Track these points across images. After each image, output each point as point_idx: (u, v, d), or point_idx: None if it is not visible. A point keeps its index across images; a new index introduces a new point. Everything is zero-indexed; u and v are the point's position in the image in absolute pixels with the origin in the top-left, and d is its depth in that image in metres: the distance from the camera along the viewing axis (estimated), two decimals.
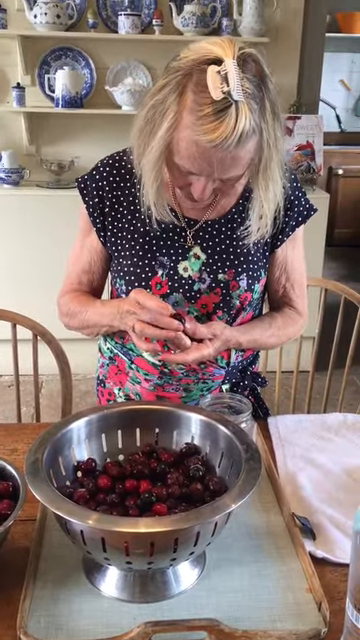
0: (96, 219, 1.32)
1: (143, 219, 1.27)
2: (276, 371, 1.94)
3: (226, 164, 1.07)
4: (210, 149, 1.04)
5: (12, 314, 1.70)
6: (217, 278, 1.29)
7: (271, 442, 1.34)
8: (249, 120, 1.02)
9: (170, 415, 1.10)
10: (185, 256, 1.29)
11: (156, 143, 1.09)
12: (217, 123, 1.01)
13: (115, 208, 1.30)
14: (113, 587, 0.95)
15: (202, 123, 1.02)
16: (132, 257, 1.29)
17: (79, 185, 1.33)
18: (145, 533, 0.82)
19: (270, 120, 1.07)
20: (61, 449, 1.03)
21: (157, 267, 1.28)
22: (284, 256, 1.37)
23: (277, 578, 0.98)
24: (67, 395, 1.75)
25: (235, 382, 1.41)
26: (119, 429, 1.10)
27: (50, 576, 0.97)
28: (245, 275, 1.30)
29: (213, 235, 1.29)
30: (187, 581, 0.97)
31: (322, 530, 1.07)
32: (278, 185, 1.18)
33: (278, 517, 1.11)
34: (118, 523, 0.83)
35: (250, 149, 1.07)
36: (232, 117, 1.01)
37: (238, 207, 1.29)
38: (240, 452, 0.98)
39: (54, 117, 3.42)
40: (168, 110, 1.06)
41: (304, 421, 1.42)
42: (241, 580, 0.98)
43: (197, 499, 1.01)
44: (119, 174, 1.30)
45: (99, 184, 1.30)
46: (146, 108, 1.11)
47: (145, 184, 1.18)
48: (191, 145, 1.05)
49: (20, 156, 3.37)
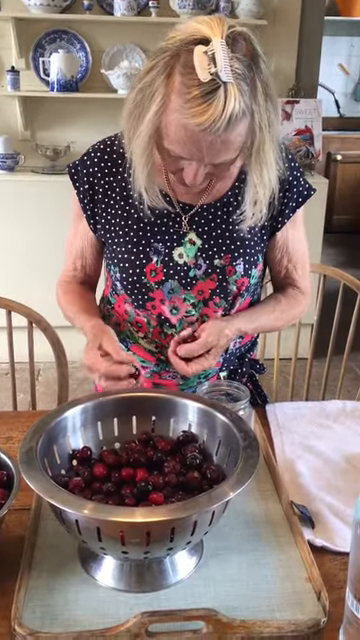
0: (86, 206, 1.29)
1: (137, 205, 1.25)
2: (274, 358, 1.93)
3: (216, 148, 1.04)
4: (199, 133, 1.01)
5: (7, 301, 1.68)
6: (213, 264, 1.27)
7: (269, 429, 1.32)
8: (239, 102, 1.00)
9: (167, 402, 1.09)
10: (180, 242, 1.26)
11: (144, 127, 1.07)
12: (205, 106, 0.99)
13: (107, 194, 1.28)
14: (109, 576, 0.93)
15: (190, 106, 0.99)
16: (126, 244, 1.27)
17: (69, 171, 1.31)
18: (141, 523, 0.80)
19: (262, 101, 1.04)
20: (56, 437, 1.01)
21: (152, 254, 1.26)
22: (285, 238, 1.34)
23: (276, 567, 0.97)
24: (63, 383, 1.74)
25: (233, 369, 1.39)
26: (115, 417, 1.09)
27: (45, 565, 0.96)
28: (242, 260, 1.27)
29: (209, 220, 1.27)
30: (184, 570, 0.96)
31: (321, 518, 1.06)
32: (272, 169, 1.15)
33: (276, 505, 1.10)
34: (113, 512, 0.82)
35: (241, 132, 1.04)
36: (220, 99, 0.98)
37: (234, 190, 1.27)
38: (238, 440, 0.97)
39: (49, 101, 3.37)
40: (156, 93, 1.03)
41: (303, 408, 1.41)
42: (239, 569, 0.96)
43: (194, 488, 0.99)
44: (110, 159, 1.27)
45: (90, 170, 1.27)
46: (135, 91, 1.08)
47: (136, 169, 1.16)
48: (179, 129, 1.03)
49: (15, 141, 3.33)
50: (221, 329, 1.23)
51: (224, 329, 1.23)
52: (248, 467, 0.90)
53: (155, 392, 1.12)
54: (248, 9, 3.22)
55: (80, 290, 1.38)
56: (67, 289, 1.37)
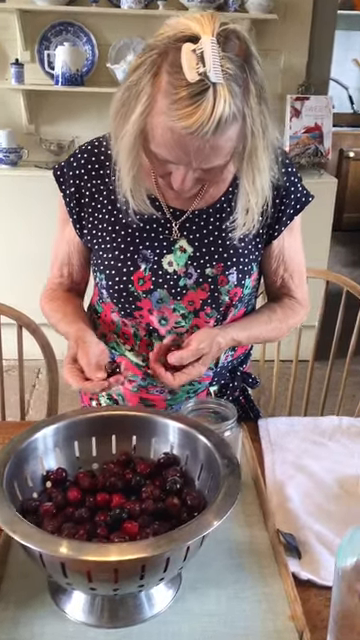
0: (72, 209, 1.23)
1: (125, 210, 1.19)
2: (274, 360, 1.87)
3: (204, 153, 0.98)
4: (186, 136, 0.95)
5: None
6: (204, 273, 1.20)
7: (260, 446, 1.27)
8: (229, 104, 0.93)
9: (147, 422, 1.03)
10: (170, 249, 1.20)
11: (129, 128, 1.01)
12: (193, 108, 0.92)
13: (94, 198, 1.21)
14: (79, 610, 0.88)
15: (177, 108, 0.93)
16: (113, 250, 1.21)
17: (55, 173, 1.24)
18: (108, 562, 0.75)
19: (255, 105, 0.98)
20: (27, 458, 0.96)
21: (140, 261, 1.20)
22: (281, 247, 1.28)
23: (257, 601, 0.91)
24: (53, 389, 1.69)
25: (224, 383, 1.33)
26: (93, 436, 1.03)
27: (13, 597, 0.91)
28: (235, 269, 1.21)
29: (200, 226, 1.20)
30: (161, 603, 0.90)
31: (308, 548, 1.00)
32: (265, 176, 1.08)
33: (262, 532, 1.04)
34: (78, 549, 0.76)
35: (231, 137, 0.98)
36: (209, 101, 0.92)
37: (228, 196, 1.20)
38: (219, 467, 0.91)
39: (54, 95, 3.31)
40: (142, 93, 0.97)
41: (297, 424, 1.35)
42: (217, 604, 0.91)
43: (173, 515, 0.94)
44: (98, 161, 1.20)
45: (76, 172, 1.21)
46: (122, 89, 1.02)
47: (121, 172, 1.09)
48: (166, 132, 0.96)
49: (19, 135, 3.28)
50: (213, 336, 1.17)
51: (217, 336, 1.17)
52: (228, 499, 0.84)
53: (135, 411, 1.06)
54: (258, 3, 3.13)
55: (65, 297, 1.32)
56: (52, 297, 1.32)
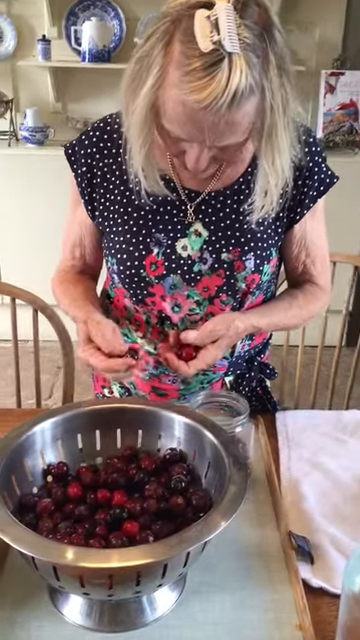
0: (84, 190, 1.18)
1: (137, 191, 1.13)
2: (299, 345, 1.80)
3: (219, 130, 0.91)
4: (199, 111, 0.88)
5: (9, 287, 1.60)
6: (220, 258, 1.14)
7: (277, 441, 1.21)
8: (245, 76, 0.86)
9: (152, 416, 0.98)
10: (184, 233, 1.14)
11: (140, 102, 0.94)
12: (207, 80, 0.85)
13: (106, 178, 1.16)
14: (77, 612, 0.84)
15: (189, 80, 0.86)
16: (124, 233, 1.15)
17: (66, 152, 1.19)
18: (99, 568, 0.71)
19: (275, 77, 0.90)
20: (27, 452, 0.92)
21: (152, 245, 1.14)
22: (303, 231, 1.21)
23: (264, 609, 0.86)
24: (69, 374, 1.65)
25: (240, 374, 1.27)
26: (97, 429, 0.99)
27: (10, 596, 0.87)
28: (252, 255, 1.14)
29: (217, 209, 1.14)
30: (163, 606, 0.86)
31: (322, 553, 0.94)
32: (286, 156, 1.01)
33: (274, 533, 0.99)
34: (69, 555, 0.72)
35: (248, 112, 0.91)
36: (224, 72, 0.85)
37: (246, 176, 1.13)
38: (226, 467, 0.85)
39: (81, 72, 3.24)
40: (153, 64, 0.90)
41: (317, 417, 1.28)
42: (222, 611, 0.86)
43: (177, 514, 0.89)
44: (110, 139, 1.14)
45: (87, 151, 1.15)
46: (133, 61, 0.95)
47: (132, 149, 1.03)
48: (178, 106, 0.90)
49: (45, 114, 3.23)
50: (231, 319, 1.11)
51: (235, 320, 1.11)
52: (231, 505, 0.79)
53: (140, 404, 1.01)
54: None
55: (76, 279, 1.27)
56: (63, 279, 1.27)
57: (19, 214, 3.12)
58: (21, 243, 3.17)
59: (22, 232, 3.16)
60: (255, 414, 1.25)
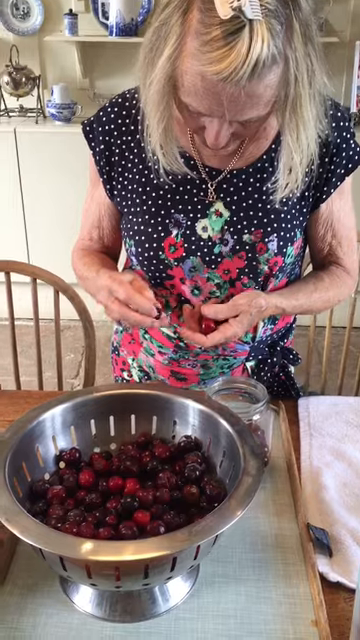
0: (102, 169, 1.14)
1: (156, 169, 1.09)
2: (326, 326, 1.75)
3: (240, 102, 0.86)
4: (218, 83, 0.83)
5: (31, 267, 1.58)
6: (242, 240, 1.10)
7: (298, 428, 1.17)
8: (267, 45, 0.80)
9: (167, 402, 0.95)
10: (205, 213, 1.10)
11: (157, 74, 0.90)
12: (226, 49, 0.80)
13: (124, 156, 1.12)
14: (87, 600, 0.83)
15: (208, 50, 0.82)
16: (143, 214, 1.11)
17: (84, 129, 1.15)
18: (105, 562, 0.69)
19: (299, 46, 0.85)
20: (39, 437, 0.90)
21: (171, 226, 1.10)
22: (330, 211, 1.16)
23: (279, 603, 0.84)
24: (90, 357, 1.64)
25: (262, 359, 1.24)
26: (110, 415, 0.97)
27: (20, 583, 0.86)
28: (275, 236, 1.10)
29: (239, 188, 1.09)
30: (175, 597, 0.84)
31: (340, 546, 0.91)
32: (311, 131, 0.96)
33: (292, 524, 0.96)
34: (74, 547, 0.70)
35: (271, 83, 0.86)
36: (244, 41, 0.80)
37: (270, 154, 1.08)
38: (240, 457, 0.82)
39: (108, 47, 3.19)
40: (170, 33, 0.86)
41: (341, 404, 1.24)
42: (235, 603, 0.84)
43: (191, 504, 0.87)
44: (129, 115, 1.10)
45: (106, 128, 1.12)
46: (150, 31, 0.91)
47: (150, 125, 0.99)
48: (196, 78, 0.85)
49: (72, 90, 3.19)
50: (255, 296, 1.07)
51: (259, 297, 1.07)
52: (244, 498, 0.76)
53: (155, 390, 0.98)
54: None
55: (100, 255, 1.23)
56: (83, 254, 1.23)
57: (46, 192, 3.10)
58: (48, 221, 3.16)
59: (49, 210, 3.14)
60: (277, 400, 1.22)
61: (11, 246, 3.21)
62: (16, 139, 3.02)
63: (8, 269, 1.57)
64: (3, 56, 3.14)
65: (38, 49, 3.24)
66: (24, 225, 3.20)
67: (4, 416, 1.21)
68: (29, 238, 3.23)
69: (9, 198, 3.13)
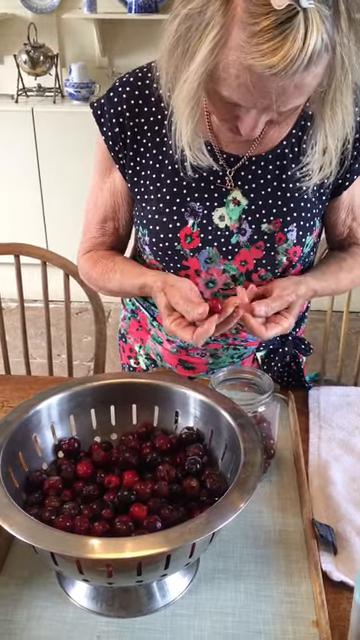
0: (118, 153, 1.08)
1: (171, 154, 1.03)
2: (343, 311, 1.71)
3: (287, 94, 0.80)
4: (268, 77, 0.77)
5: (41, 250, 1.56)
6: (260, 229, 1.05)
7: (307, 419, 1.14)
8: (321, 34, 0.75)
9: (169, 392, 0.92)
10: (222, 201, 1.05)
11: (193, 72, 0.82)
12: (279, 40, 0.74)
13: (137, 140, 1.06)
14: (83, 595, 0.81)
15: (258, 42, 0.75)
16: (157, 202, 1.06)
17: (95, 112, 1.08)
18: (96, 560, 0.67)
19: (346, 30, 0.79)
20: (37, 426, 0.88)
21: (187, 215, 1.05)
22: (351, 196, 1.11)
23: (279, 602, 0.81)
24: (100, 342, 1.62)
25: (273, 349, 1.20)
26: (111, 404, 0.94)
27: (16, 575, 0.85)
28: (295, 226, 1.06)
29: (258, 175, 1.04)
30: (173, 592, 0.82)
31: (346, 544, 0.88)
32: (350, 115, 0.90)
33: (296, 519, 0.93)
34: (64, 543, 0.68)
35: (319, 72, 0.80)
36: (300, 31, 0.73)
37: (290, 139, 1.03)
38: (241, 452, 0.80)
39: (128, 24, 3.13)
40: (210, 24, 0.78)
41: (353, 395, 1.20)
42: (234, 600, 0.81)
43: (191, 497, 0.84)
44: (142, 96, 1.04)
45: (118, 109, 1.05)
46: (178, 19, 0.83)
47: (178, 123, 0.93)
48: (243, 72, 0.79)
49: (91, 69, 3.15)
50: (296, 283, 1.02)
51: (300, 284, 1.03)
52: (241, 495, 0.73)
53: (154, 379, 0.95)
54: None
55: (109, 254, 1.18)
56: (95, 258, 1.17)
57: (64, 172, 3.07)
58: (66, 202, 3.13)
59: (67, 191, 3.11)
60: (286, 390, 1.18)
61: (28, 227, 3.20)
62: (34, 119, 3.00)
63: (17, 252, 1.55)
64: (21, 34, 3.10)
65: (56, 27, 3.20)
66: (42, 205, 3.18)
67: (9, 402, 1.20)
68: (47, 218, 3.21)
69: (27, 178, 3.12)
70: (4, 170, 3.11)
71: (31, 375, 1.63)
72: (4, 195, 3.17)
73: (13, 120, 3.01)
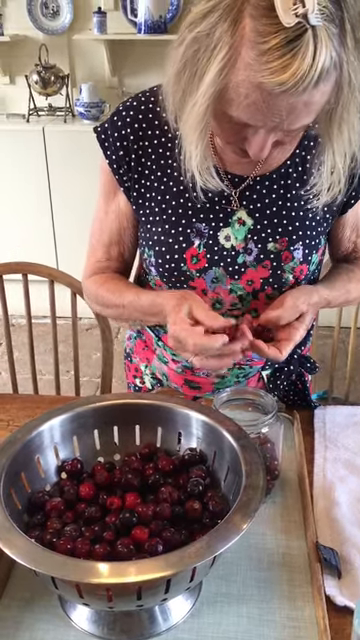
0: (123, 176, 1.08)
1: (176, 176, 1.04)
2: (350, 327, 1.70)
3: (296, 112, 0.81)
4: (279, 94, 0.78)
5: (48, 269, 1.57)
6: (266, 248, 1.05)
7: (313, 439, 1.13)
8: (330, 51, 0.75)
9: (172, 413, 0.93)
10: (227, 222, 1.05)
11: (202, 94, 0.82)
12: (289, 58, 0.74)
13: (142, 162, 1.06)
14: (85, 619, 0.81)
15: (267, 60, 0.75)
16: (163, 223, 1.07)
17: (99, 136, 1.09)
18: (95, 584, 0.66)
19: (352, 47, 0.79)
20: (39, 447, 0.89)
21: (193, 236, 1.05)
22: (356, 213, 1.12)
23: (282, 626, 0.80)
24: (107, 359, 1.62)
25: (278, 367, 1.20)
26: (114, 425, 0.94)
27: (18, 597, 0.85)
28: (301, 244, 1.06)
29: (263, 195, 1.05)
30: (176, 616, 0.82)
31: (350, 568, 0.87)
32: (356, 133, 0.90)
33: (300, 542, 0.92)
34: (64, 567, 0.68)
35: (327, 90, 0.80)
36: (309, 48, 0.74)
37: (294, 159, 1.04)
38: (242, 474, 0.79)
39: (137, 45, 3.17)
40: (219, 45, 0.78)
41: (359, 415, 1.20)
42: (237, 625, 0.81)
43: (193, 519, 0.84)
44: (146, 119, 1.05)
45: (122, 132, 1.05)
46: (185, 42, 0.83)
47: (186, 147, 0.93)
48: (253, 91, 0.79)
49: (101, 89, 3.18)
50: (309, 292, 1.02)
51: (312, 292, 1.03)
52: (242, 519, 0.72)
53: (155, 400, 0.95)
54: None
55: (118, 276, 1.18)
56: (104, 278, 1.17)
57: (74, 191, 3.10)
58: (77, 220, 3.15)
59: (77, 209, 3.13)
60: (292, 410, 1.18)
61: (39, 245, 3.22)
62: (45, 138, 3.03)
63: (25, 271, 1.57)
64: (32, 55, 3.15)
65: (67, 48, 3.25)
66: (52, 224, 3.21)
67: (15, 421, 1.20)
68: (57, 237, 3.24)
69: (38, 197, 3.15)
70: (16, 189, 3.14)
71: (38, 393, 1.64)
72: (16, 214, 3.20)
73: (25, 139, 3.05)
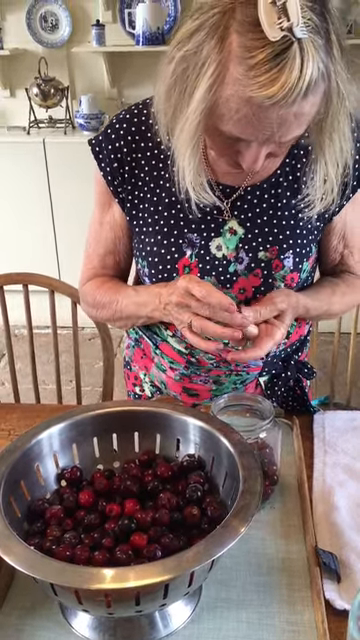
0: (117, 188, 1.10)
1: (168, 188, 1.06)
2: (351, 332, 1.71)
3: (286, 125, 0.82)
4: (269, 107, 0.79)
5: (48, 279, 1.58)
6: (257, 257, 1.07)
7: (312, 444, 1.14)
8: (317, 62, 0.77)
9: (170, 420, 0.93)
10: (218, 232, 1.07)
11: (192, 110, 0.84)
12: (276, 71, 0.76)
13: (135, 174, 1.08)
14: (85, 625, 0.81)
15: (255, 74, 0.77)
16: (155, 234, 1.08)
17: (93, 148, 1.10)
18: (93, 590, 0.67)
19: (338, 58, 0.81)
20: (39, 455, 0.89)
21: (185, 247, 1.07)
22: (343, 222, 1.13)
23: (282, 630, 0.81)
24: (108, 369, 1.63)
25: (276, 373, 1.20)
26: (113, 432, 0.95)
27: (19, 604, 0.85)
28: (291, 252, 1.07)
29: (254, 204, 1.06)
30: (176, 622, 0.82)
31: (350, 571, 0.87)
32: (347, 142, 0.92)
33: (300, 546, 0.93)
34: (62, 573, 0.68)
35: (316, 101, 0.82)
36: (296, 61, 0.75)
37: (284, 168, 1.05)
38: (239, 480, 0.80)
39: (135, 56, 3.20)
40: (207, 62, 0.80)
41: (359, 420, 1.20)
42: (236, 630, 0.81)
43: (192, 525, 0.84)
44: (138, 132, 1.06)
45: (115, 145, 1.07)
46: (174, 61, 0.85)
47: (180, 162, 0.95)
48: (243, 105, 0.80)
49: (101, 100, 3.22)
50: (289, 293, 1.04)
51: (291, 294, 1.04)
52: (239, 523, 0.73)
53: (153, 407, 0.95)
54: None
55: (119, 280, 1.20)
56: (100, 282, 1.19)
57: (75, 202, 3.12)
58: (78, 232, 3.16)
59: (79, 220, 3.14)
60: (291, 415, 1.18)
61: (41, 256, 3.24)
62: (45, 150, 3.06)
63: (26, 281, 1.58)
64: (32, 68, 3.18)
65: (66, 60, 3.28)
66: (54, 234, 3.23)
67: (16, 430, 1.21)
68: (59, 248, 3.26)
69: (39, 208, 3.17)
70: (17, 200, 3.17)
71: (40, 403, 1.65)
72: (18, 225, 3.22)
73: (25, 151, 3.08)
